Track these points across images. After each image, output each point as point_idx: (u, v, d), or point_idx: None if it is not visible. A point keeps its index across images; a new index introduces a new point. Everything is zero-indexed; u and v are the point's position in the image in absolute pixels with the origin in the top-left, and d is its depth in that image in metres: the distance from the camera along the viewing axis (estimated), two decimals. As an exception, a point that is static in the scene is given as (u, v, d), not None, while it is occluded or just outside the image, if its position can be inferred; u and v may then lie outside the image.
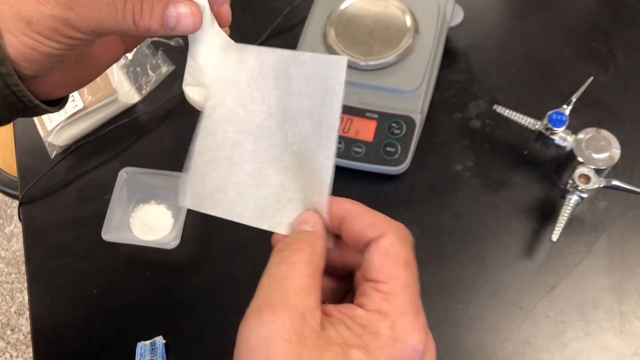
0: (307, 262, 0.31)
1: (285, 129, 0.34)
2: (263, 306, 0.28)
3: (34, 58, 0.33)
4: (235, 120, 0.35)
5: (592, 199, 0.66)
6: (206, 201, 0.37)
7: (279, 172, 0.35)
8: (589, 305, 0.62)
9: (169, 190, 0.72)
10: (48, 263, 0.71)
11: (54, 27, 0.32)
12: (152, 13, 0.33)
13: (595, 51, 0.75)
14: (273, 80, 0.34)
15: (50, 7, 0.32)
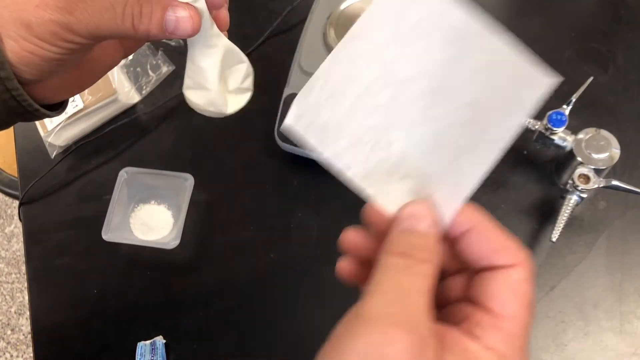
0: (430, 276, 0.28)
1: (435, 101, 0.29)
2: (386, 322, 0.25)
3: (34, 62, 0.33)
4: (382, 60, 0.30)
5: (591, 199, 0.66)
6: (314, 132, 0.32)
7: (404, 142, 0.30)
8: (589, 305, 0.62)
9: (169, 190, 0.72)
10: (48, 263, 0.71)
11: (54, 32, 0.32)
12: (151, 17, 0.33)
13: (595, 51, 0.75)
14: (445, 39, 0.29)
15: (50, 12, 0.32)
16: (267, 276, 0.67)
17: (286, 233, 0.69)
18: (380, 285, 0.27)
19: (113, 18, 0.33)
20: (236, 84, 0.39)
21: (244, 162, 0.75)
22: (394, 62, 0.29)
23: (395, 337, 0.24)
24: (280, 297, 0.66)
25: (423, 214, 0.29)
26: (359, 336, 0.24)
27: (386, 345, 0.24)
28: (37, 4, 0.32)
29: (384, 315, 0.25)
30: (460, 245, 0.30)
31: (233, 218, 0.71)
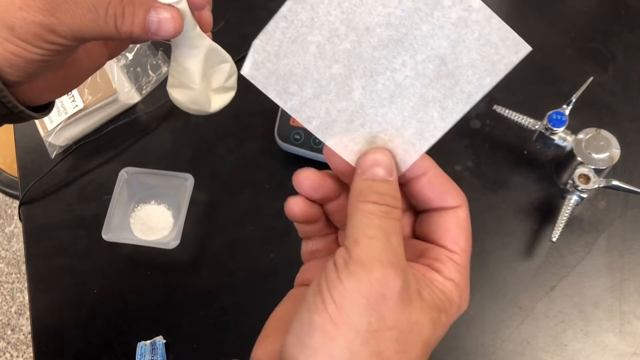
0: (399, 219, 0.30)
1: (398, 51, 0.29)
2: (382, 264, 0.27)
3: (17, 64, 0.33)
4: (347, 5, 0.29)
5: (591, 199, 0.66)
6: (274, 84, 0.30)
7: (365, 90, 0.30)
8: (589, 305, 0.62)
9: (169, 190, 0.72)
10: (48, 263, 0.71)
11: (37, 33, 0.32)
12: (133, 18, 0.34)
13: (595, 51, 0.75)
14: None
15: (33, 14, 0.32)
16: (267, 276, 0.67)
17: (286, 233, 0.69)
18: (365, 231, 0.28)
19: (95, 19, 0.33)
20: (219, 83, 0.40)
21: (244, 162, 0.75)
22: (359, 8, 0.29)
23: (392, 277, 0.27)
24: (280, 297, 0.66)
25: (385, 160, 0.31)
26: (359, 278, 0.27)
27: (385, 285, 0.27)
28: (19, 6, 0.32)
29: (377, 258, 0.27)
30: (411, 188, 0.33)
31: (233, 218, 0.71)
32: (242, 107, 0.80)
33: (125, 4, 0.33)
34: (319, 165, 0.70)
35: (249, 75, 0.30)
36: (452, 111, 0.31)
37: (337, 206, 0.35)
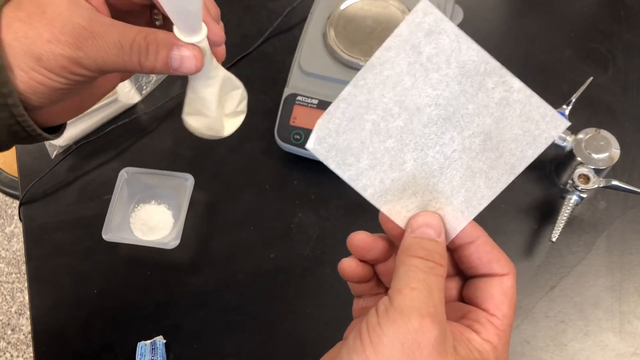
0: (444, 277, 0.32)
1: (447, 127, 0.33)
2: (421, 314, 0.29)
3: (41, 91, 0.35)
4: (399, 89, 0.33)
5: (591, 199, 0.67)
6: (334, 156, 0.35)
7: (416, 162, 0.34)
8: (589, 305, 0.62)
9: (169, 190, 0.72)
10: (48, 263, 0.71)
11: (63, 65, 0.34)
12: (157, 56, 0.35)
13: (595, 51, 0.75)
14: (459, 73, 0.32)
15: (61, 47, 0.34)
16: (267, 276, 0.67)
17: (286, 233, 0.69)
18: (408, 282, 0.30)
19: (120, 55, 0.34)
20: (232, 108, 0.42)
21: (244, 162, 0.75)
22: (410, 91, 0.33)
23: (428, 327, 0.28)
24: (280, 297, 0.66)
25: (435, 223, 0.34)
26: (397, 324, 0.29)
27: (421, 334, 0.28)
28: (48, 39, 0.34)
29: (417, 307, 0.29)
30: (460, 254, 0.35)
31: (233, 218, 0.71)
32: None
33: (150, 42, 0.35)
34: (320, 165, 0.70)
35: (312, 149, 0.35)
36: (497, 181, 0.35)
37: (388, 267, 0.38)
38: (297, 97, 0.70)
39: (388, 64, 0.33)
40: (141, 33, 0.35)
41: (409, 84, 0.33)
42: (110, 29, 0.34)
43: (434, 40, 0.32)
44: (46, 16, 0.34)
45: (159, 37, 0.35)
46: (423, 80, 0.33)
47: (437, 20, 0.32)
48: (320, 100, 0.69)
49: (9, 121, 0.35)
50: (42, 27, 0.34)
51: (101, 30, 0.34)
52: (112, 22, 0.35)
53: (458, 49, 0.32)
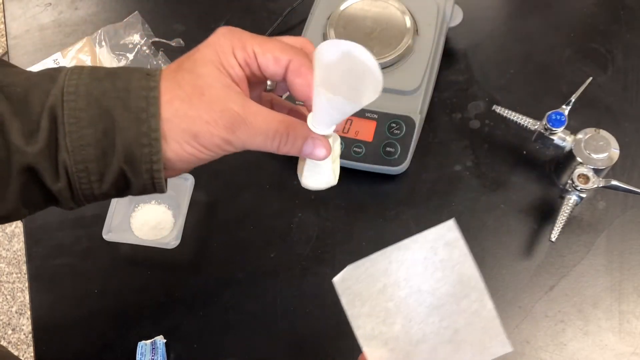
0: None
1: (433, 313, 0.43)
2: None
3: (189, 160, 0.40)
4: (412, 271, 0.43)
5: (591, 199, 0.67)
6: (348, 295, 0.44)
7: (403, 327, 0.43)
8: (588, 304, 0.62)
9: (170, 190, 0.72)
10: (49, 263, 0.71)
11: (218, 144, 0.39)
12: (294, 144, 0.41)
13: (595, 52, 0.75)
14: (457, 280, 0.43)
15: (218, 130, 0.38)
16: (267, 276, 0.67)
17: (286, 233, 0.69)
18: None
19: (264, 140, 0.40)
20: (335, 156, 0.46)
21: (244, 162, 0.75)
22: (419, 276, 0.43)
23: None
24: (280, 297, 0.66)
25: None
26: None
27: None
28: (207, 120, 0.38)
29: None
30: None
31: (233, 218, 0.71)
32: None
33: (289, 132, 0.40)
34: (318, 165, 0.70)
35: (335, 283, 0.43)
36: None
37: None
38: (297, 97, 0.70)
39: (410, 251, 0.43)
40: (283, 123, 0.40)
41: (420, 270, 0.43)
42: (258, 117, 0.39)
43: (448, 250, 0.43)
44: (204, 99, 0.38)
45: (297, 128, 0.40)
46: (431, 273, 0.43)
47: (455, 238, 0.42)
48: (320, 101, 0.69)
49: (146, 182, 0.40)
50: (202, 109, 0.38)
51: (251, 117, 0.39)
52: (259, 108, 0.40)
53: (463, 262, 0.43)
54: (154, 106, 0.38)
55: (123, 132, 0.38)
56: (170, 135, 0.38)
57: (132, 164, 0.39)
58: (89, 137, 0.38)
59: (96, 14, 0.88)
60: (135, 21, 0.84)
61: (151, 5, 0.87)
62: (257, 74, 0.41)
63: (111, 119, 0.38)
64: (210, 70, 0.39)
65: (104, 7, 0.89)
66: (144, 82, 0.38)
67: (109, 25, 0.83)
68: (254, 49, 0.40)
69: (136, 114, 0.38)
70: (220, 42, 0.40)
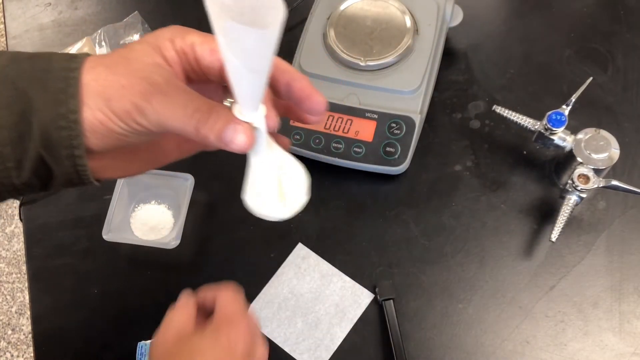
0: None
1: (317, 302, 0.66)
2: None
3: (100, 131, 0.37)
4: (291, 285, 0.67)
5: (591, 199, 0.67)
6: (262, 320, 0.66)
7: (304, 323, 0.65)
8: (588, 304, 0.62)
9: (169, 190, 0.72)
10: (49, 263, 0.71)
11: (128, 110, 0.36)
12: (213, 125, 0.37)
13: (595, 52, 0.75)
14: (319, 276, 0.67)
15: (132, 94, 0.36)
16: (267, 276, 0.67)
17: (286, 233, 0.69)
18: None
19: (182, 116, 0.37)
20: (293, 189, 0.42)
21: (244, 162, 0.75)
22: (296, 286, 0.67)
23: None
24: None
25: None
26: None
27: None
28: (123, 85, 0.36)
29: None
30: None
31: (233, 218, 0.71)
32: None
33: (211, 112, 0.37)
34: (320, 165, 0.70)
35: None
36: (343, 329, 0.64)
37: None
38: (297, 97, 0.70)
39: (284, 275, 0.67)
40: (207, 103, 0.37)
41: (295, 282, 0.67)
42: (181, 93, 0.37)
43: (305, 261, 0.68)
44: (129, 68, 0.37)
45: (221, 111, 0.37)
46: (302, 280, 0.67)
47: (306, 253, 0.68)
48: (320, 101, 0.69)
49: (69, 170, 0.38)
50: (123, 75, 0.36)
51: (173, 91, 0.37)
52: (186, 89, 0.37)
53: (318, 264, 0.67)
54: (74, 87, 0.36)
55: (39, 113, 0.36)
56: (85, 101, 0.36)
57: (51, 149, 0.36)
58: (3, 119, 0.36)
59: (96, 14, 0.88)
60: (135, 21, 0.84)
61: (151, 5, 0.87)
62: (194, 66, 0.39)
63: (28, 100, 0.36)
64: (143, 48, 0.38)
65: (104, 7, 0.89)
66: (65, 64, 0.36)
67: (108, 25, 0.83)
68: (193, 39, 0.39)
69: (54, 95, 0.36)
70: (163, 31, 0.39)
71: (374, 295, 0.65)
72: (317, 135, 0.69)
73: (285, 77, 0.40)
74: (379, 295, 0.64)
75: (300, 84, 0.41)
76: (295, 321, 0.65)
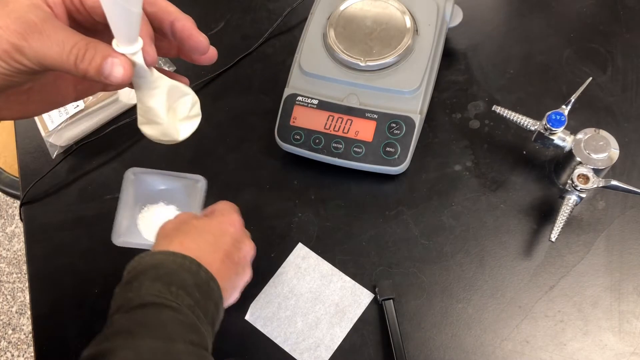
0: None
1: (316, 302, 0.66)
2: None
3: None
4: (291, 284, 0.67)
5: (590, 199, 0.67)
6: (260, 321, 0.66)
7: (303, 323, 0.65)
8: (588, 304, 0.62)
9: (178, 191, 0.71)
10: (49, 263, 0.71)
11: (6, 49, 0.37)
12: (91, 60, 0.38)
13: (594, 52, 0.75)
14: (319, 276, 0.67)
15: (8, 34, 0.37)
16: (267, 276, 0.67)
17: (286, 233, 0.69)
18: None
19: (60, 52, 0.38)
20: (184, 113, 0.46)
21: (244, 162, 0.75)
22: (296, 285, 0.67)
23: None
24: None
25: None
26: None
27: None
28: (0, 26, 0.37)
29: None
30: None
31: (233, 218, 0.71)
32: (242, 108, 0.80)
33: (88, 48, 0.38)
34: (320, 165, 0.70)
35: (248, 319, 0.66)
36: (343, 328, 0.64)
37: None
38: (297, 98, 0.70)
39: (284, 274, 0.68)
40: (84, 39, 0.38)
41: (295, 282, 0.67)
42: (58, 31, 0.38)
43: (305, 261, 0.68)
44: (6, 9, 0.38)
45: (99, 46, 0.39)
46: (302, 280, 0.67)
47: (306, 253, 0.68)
48: (320, 101, 0.69)
49: None
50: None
51: (50, 30, 0.38)
52: (64, 27, 0.39)
53: (318, 264, 0.68)
54: None
55: None
56: None
57: None
58: None
59: (96, 14, 0.88)
60: (135, 21, 0.84)
61: (151, 5, 0.87)
62: (78, 6, 0.41)
63: None
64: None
65: (104, 7, 0.89)
66: None
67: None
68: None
69: None
70: None
71: (373, 295, 0.65)
72: (317, 135, 0.69)
73: (169, 18, 0.42)
74: (379, 295, 0.64)
75: (181, 23, 0.43)
76: (295, 321, 0.65)
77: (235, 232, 0.58)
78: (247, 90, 0.80)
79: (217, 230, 0.56)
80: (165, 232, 0.56)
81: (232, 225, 0.58)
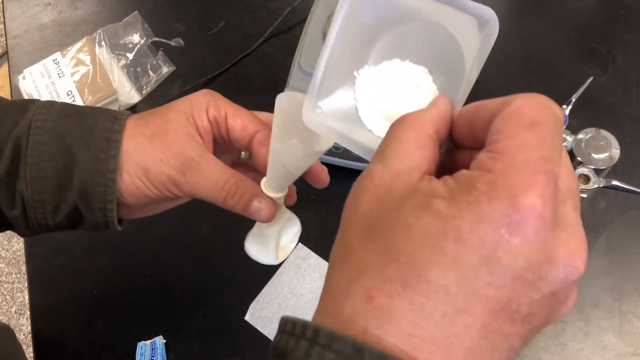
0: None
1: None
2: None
3: (136, 195, 0.41)
4: (291, 285, 0.66)
5: (591, 199, 0.67)
6: (260, 322, 0.64)
7: None
8: (589, 304, 0.62)
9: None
10: (48, 263, 0.71)
11: (164, 182, 0.40)
12: (240, 199, 0.41)
13: (595, 52, 0.75)
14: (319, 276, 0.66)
15: (169, 168, 0.40)
16: (267, 276, 0.67)
17: (286, 233, 0.69)
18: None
19: (212, 188, 0.41)
20: (286, 242, 0.47)
21: (244, 162, 0.75)
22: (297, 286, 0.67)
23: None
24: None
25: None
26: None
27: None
28: (161, 158, 0.40)
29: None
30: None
31: (233, 218, 0.71)
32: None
33: (239, 186, 0.41)
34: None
35: (248, 320, 0.63)
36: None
37: None
38: (297, 97, 0.70)
39: (284, 275, 0.67)
40: (234, 177, 0.41)
41: (295, 282, 0.67)
42: (212, 167, 0.41)
43: (305, 262, 0.67)
44: (166, 140, 0.40)
45: (248, 184, 0.41)
46: (302, 280, 0.66)
47: (306, 253, 0.67)
48: (320, 100, 0.69)
49: (98, 218, 0.41)
50: (160, 148, 0.40)
51: (205, 166, 0.40)
52: (216, 161, 0.41)
53: (318, 264, 0.67)
54: (115, 149, 0.40)
55: (81, 169, 0.40)
56: (124, 167, 0.40)
57: (86, 200, 0.40)
58: (48, 170, 0.40)
59: (96, 13, 0.88)
60: (135, 21, 0.83)
61: (151, 5, 0.87)
62: (224, 135, 0.42)
63: (72, 155, 0.40)
64: (179, 117, 0.41)
65: (104, 7, 0.89)
66: (109, 125, 0.40)
67: (108, 25, 0.83)
68: (227, 111, 0.42)
69: (95, 154, 0.40)
70: (197, 98, 0.42)
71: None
72: (317, 135, 0.69)
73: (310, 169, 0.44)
74: (379, 295, 0.64)
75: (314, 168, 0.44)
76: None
77: (535, 262, 0.23)
78: (247, 90, 0.80)
79: (483, 263, 0.23)
80: (354, 251, 0.26)
81: (527, 249, 0.23)
